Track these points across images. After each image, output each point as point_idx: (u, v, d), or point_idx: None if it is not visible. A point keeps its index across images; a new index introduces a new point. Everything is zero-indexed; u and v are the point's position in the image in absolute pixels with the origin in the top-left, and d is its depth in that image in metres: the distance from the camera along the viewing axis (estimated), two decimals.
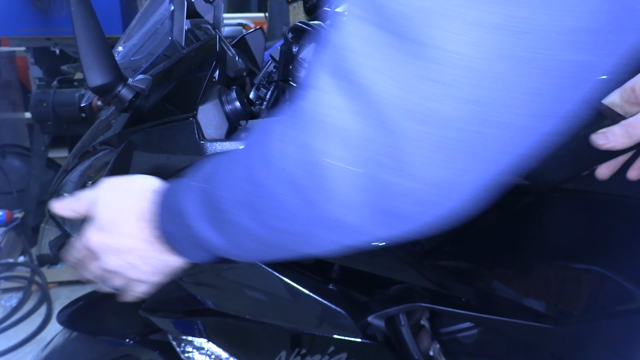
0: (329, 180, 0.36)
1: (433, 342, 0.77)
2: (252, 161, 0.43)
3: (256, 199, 0.42)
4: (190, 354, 0.81)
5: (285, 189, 0.40)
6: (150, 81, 0.69)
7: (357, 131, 0.34)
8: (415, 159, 0.33)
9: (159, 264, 0.57)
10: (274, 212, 0.42)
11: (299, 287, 0.66)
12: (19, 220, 2.52)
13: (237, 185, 0.45)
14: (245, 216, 0.44)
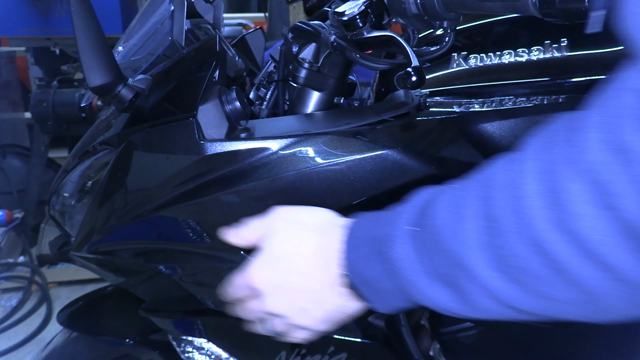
0: None
1: (433, 342, 0.77)
2: (500, 202, 0.36)
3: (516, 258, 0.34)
4: (190, 354, 0.81)
5: (568, 249, 0.32)
6: (150, 81, 0.69)
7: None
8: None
9: (334, 310, 0.50)
10: (542, 277, 0.34)
11: None
12: (19, 220, 2.52)
13: (475, 232, 0.37)
14: (499, 278, 0.36)
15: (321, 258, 0.48)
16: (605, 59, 0.68)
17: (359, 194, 0.60)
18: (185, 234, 0.67)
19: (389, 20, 0.63)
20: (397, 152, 0.59)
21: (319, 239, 0.49)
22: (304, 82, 0.70)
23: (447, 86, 0.78)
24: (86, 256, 0.78)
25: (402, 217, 0.44)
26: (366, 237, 0.46)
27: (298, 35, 0.71)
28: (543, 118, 0.60)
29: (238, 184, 0.62)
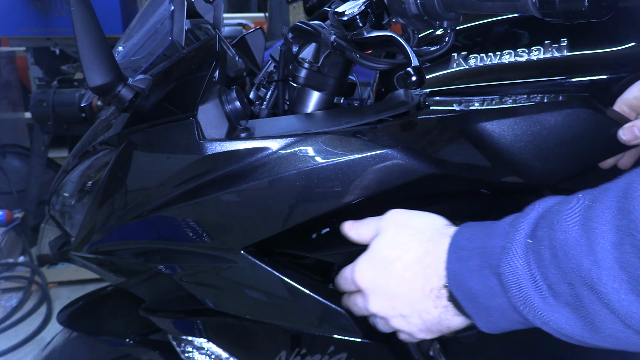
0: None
1: (433, 342, 0.77)
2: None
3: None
4: (190, 354, 0.81)
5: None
6: (150, 81, 0.69)
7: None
8: None
9: (434, 321, 0.48)
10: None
11: (299, 287, 0.66)
12: (19, 220, 2.52)
13: (609, 249, 0.33)
14: (635, 302, 0.33)
15: (423, 266, 0.47)
16: (605, 59, 0.68)
17: (359, 194, 0.60)
18: (185, 233, 0.67)
19: (389, 20, 0.63)
20: (397, 151, 0.59)
21: (424, 247, 0.48)
22: (304, 82, 0.70)
23: (447, 86, 0.78)
24: (86, 256, 0.78)
25: (518, 228, 0.41)
26: (474, 248, 0.44)
27: (298, 35, 0.71)
28: (543, 117, 0.60)
29: (238, 184, 0.62)
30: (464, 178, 0.62)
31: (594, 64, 0.68)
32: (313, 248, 0.67)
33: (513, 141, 0.60)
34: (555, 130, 0.59)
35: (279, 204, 0.62)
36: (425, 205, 0.65)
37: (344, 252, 0.66)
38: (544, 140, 0.59)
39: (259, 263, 0.66)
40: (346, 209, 0.62)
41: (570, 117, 0.59)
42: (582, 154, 0.59)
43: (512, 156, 0.60)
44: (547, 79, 0.69)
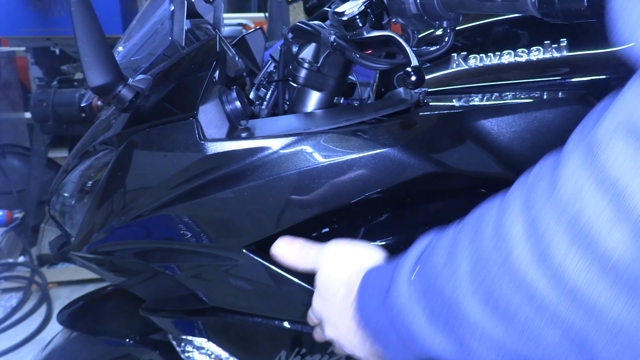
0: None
1: None
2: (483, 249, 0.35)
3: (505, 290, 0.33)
4: (190, 353, 0.81)
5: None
6: (151, 81, 0.69)
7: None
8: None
9: (362, 350, 0.51)
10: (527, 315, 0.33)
11: (301, 283, 0.66)
12: (19, 220, 2.52)
13: (466, 275, 0.36)
14: (491, 319, 0.35)
15: (346, 305, 0.50)
16: (605, 59, 0.68)
17: (360, 192, 0.60)
18: (186, 233, 0.67)
19: (389, 20, 0.63)
20: (397, 150, 0.59)
21: (346, 287, 0.51)
22: (304, 82, 0.70)
23: (447, 86, 0.78)
24: (86, 256, 0.78)
25: (403, 263, 0.44)
26: (374, 287, 0.47)
27: (298, 35, 0.71)
28: (542, 114, 0.60)
29: (239, 183, 0.62)
30: (464, 176, 0.62)
31: (594, 64, 0.68)
32: None
33: (512, 138, 0.60)
34: (553, 127, 0.59)
35: (279, 203, 0.62)
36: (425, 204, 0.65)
37: None
38: (542, 138, 0.59)
39: (260, 261, 0.66)
40: (347, 208, 0.62)
41: (569, 115, 0.59)
42: None
43: (511, 153, 0.60)
44: (547, 79, 0.69)
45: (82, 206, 0.80)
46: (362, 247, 0.55)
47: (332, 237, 0.67)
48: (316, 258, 0.56)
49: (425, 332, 0.40)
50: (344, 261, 0.54)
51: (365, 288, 0.48)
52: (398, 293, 0.42)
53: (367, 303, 0.47)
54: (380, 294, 0.45)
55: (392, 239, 0.64)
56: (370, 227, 0.65)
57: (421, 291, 0.40)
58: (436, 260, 0.40)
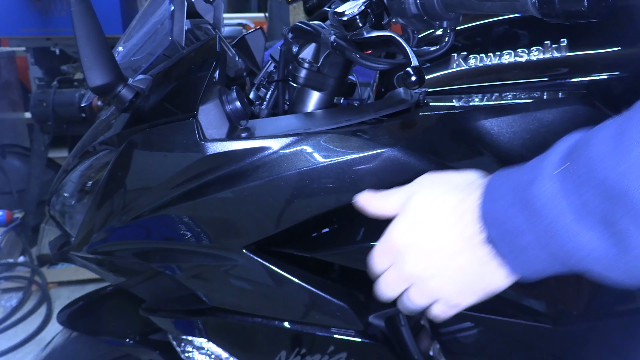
0: None
1: (433, 342, 0.77)
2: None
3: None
4: (190, 353, 0.81)
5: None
6: (151, 81, 0.69)
7: None
8: None
9: (473, 277, 0.46)
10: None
11: (301, 283, 0.67)
12: (19, 220, 2.52)
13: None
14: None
15: (460, 214, 0.45)
16: (605, 59, 0.68)
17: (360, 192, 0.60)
18: (186, 233, 0.67)
19: (389, 20, 0.63)
20: (397, 150, 0.59)
21: (459, 196, 0.46)
22: (304, 82, 0.70)
23: (447, 86, 0.78)
24: (86, 256, 0.78)
25: (545, 162, 0.40)
26: (507, 186, 0.43)
27: (298, 35, 0.71)
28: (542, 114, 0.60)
29: (239, 183, 0.62)
30: None
31: (594, 64, 0.68)
32: (313, 248, 0.67)
33: (512, 138, 0.60)
34: (553, 127, 0.59)
35: (279, 203, 0.62)
36: None
37: (344, 252, 0.66)
38: (542, 138, 0.59)
39: (260, 261, 0.66)
40: (347, 208, 0.62)
41: (569, 114, 0.59)
42: None
43: (511, 153, 0.60)
44: (547, 79, 0.69)
45: (82, 206, 0.80)
46: (458, 171, 0.50)
47: (332, 237, 0.67)
48: (407, 190, 0.51)
49: (573, 229, 0.37)
50: (446, 180, 0.49)
51: (494, 190, 0.43)
52: (542, 189, 0.39)
53: (496, 203, 0.43)
54: (514, 191, 0.41)
55: None
56: (371, 227, 0.65)
57: (572, 186, 0.37)
58: (595, 152, 0.36)
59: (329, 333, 0.72)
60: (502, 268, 0.44)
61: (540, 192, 0.39)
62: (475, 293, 0.47)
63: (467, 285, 0.47)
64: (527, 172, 0.42)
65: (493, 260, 0.44)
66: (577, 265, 0.39)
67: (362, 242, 0.65)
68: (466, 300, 0.49)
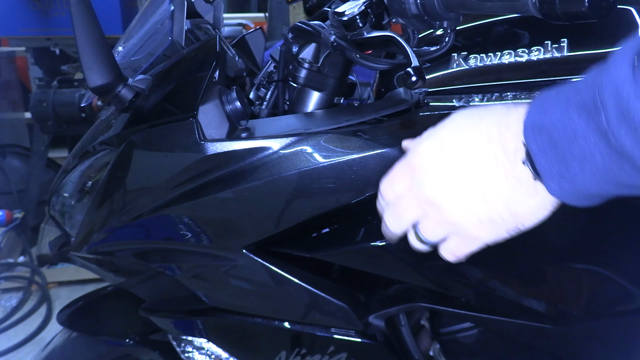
0: None
1: (433, 342, 0.77)
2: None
3: None
4: (190, 354, 0.81)
5: None
6: (150, 81, 0.69)
7: None
8: None
9: (501, 203, 0.40)
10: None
11: (301, 283, 0.67)
12: (19, 220, 2.52)
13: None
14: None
15: (501, 128, 0.40)
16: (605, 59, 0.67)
17: (360, 192, 0.60)
18: (186, 233, 0.67)
19: (389, 20, 0.63)
20: (397, 150, 0.59)
21: (502, 111, 0.41)
22: (304, 82, 0.70)
23: (447, 86, 0.78)
24: (86, 256, 0.78)
25: (615, 63, 0.35)
26: (563, 94, 0.38)
27: (298, 35, 0.71)
28: None
29: (239, 184, 0.62)
30: None
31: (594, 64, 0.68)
32: (313, 248, 0.67)
33: None
34: None
35: (279, 203, 0.62)
36: None
37: (344, 252, 0.66)
38: None
39: (260, 261, 0.66)
40: (347, 208, 0.62)
41: None
42: None
43: None
44: (547, 79, 0.69)
45: (82, 206, 0.80)
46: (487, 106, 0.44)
47: (332, 237, 0.67)
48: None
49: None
50: (485, 109, 0.42)
51: (545, 100, 0.38)
52: (617, 69, 0.34)
53: (548, 113, 0.37)
54: (572, 97, 0.36)
55: None
56: (370, 227, 0.65)
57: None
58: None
59: (329, 333, 0.72)
60: (540, 190, 0.39)
61: (608, 79, 0.34)
62: (501, 225, 0.42)
63: (494, 213, 0.41)
64: (590, 75, 0.37)
65: (530, 180, 0.39)
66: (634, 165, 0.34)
67: (362, 242, 0.65)
68: (487, 234, 0.43)
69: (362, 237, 0.65)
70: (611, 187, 0.37)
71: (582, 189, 0.38)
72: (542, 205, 0.41)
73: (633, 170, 0.35)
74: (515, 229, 0.43)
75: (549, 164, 0.38)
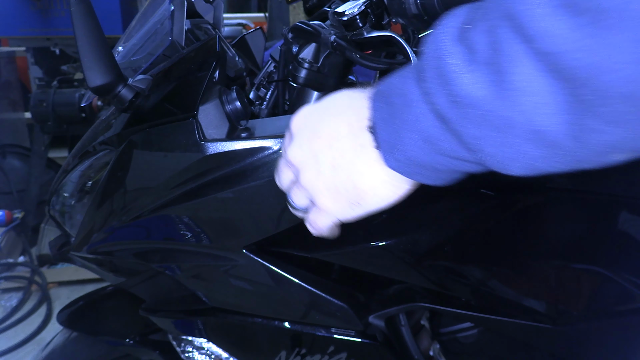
0: None
1: (433, 342, 0.77)
2: None
3: None
4: (190, 354, 0.81)
5: None
6: (150, 81, 0.69)
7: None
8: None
9: (344, 171, 0.42)
10: None
11: (300, 283, 0.67)
12: (19, 220, 2.52)
13: None
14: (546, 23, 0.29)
15: (352, 98, 0.43)
16: None
17: None
18: (186, 233, 0.67)
19: (389, 20, 0.63)
20: None
21: (349, 97, 0.44)
22: (304, 82, 0.70)
23: None
24: (86, 256, 0.78)
25: (447, 21, 0.38)
26: (402, 73, 0.40)
27: (298, 35, 0.71)
28: None
29: (239, 184, 0.62)
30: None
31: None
32: (313, 248, 0.67)
33: None
34: None
35: (279, 203, 0.62)
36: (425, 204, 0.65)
37: (344, 252, 0.66)
38: None
39: (260, 261, 0.66)
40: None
41: None
42: None
43: None
44: None
45: (82, 206, 0.80)
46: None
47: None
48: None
49: (462, 68, 0.34)
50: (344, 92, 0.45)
51: (388, 78, 0.41)
52: (439, 37, 0.36)
53: (389, 84, 0.40)
54: (413, 66, 0.38)
55: (392, 240, 0.63)
56: (370, 227, 0.65)
57: (473, 18, 0.35)
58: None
59: (329, 333, 0.72)
60: (379, 160, 0.40)
61: (430, 43, 0.37)
62: (344, 197, 0.43)
63: (339, 182, 0.43)
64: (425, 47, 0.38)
65: (371, 148, 0.41)
66: (455, 116, 0.35)
67: (362, 242, 0.64)
68: (334, 206, 0.44)
69: (362, 237, 0.65)
70: (439, 158, 0.38)
71: (414, 159, 0.39)
72: (383, 181, 0.42)
73: (453, 140, 0.36)
74: (357, 204, 0.44)
75: (387, 132, 0.39)
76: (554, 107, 0.31)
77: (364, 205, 0.44)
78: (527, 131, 0.33)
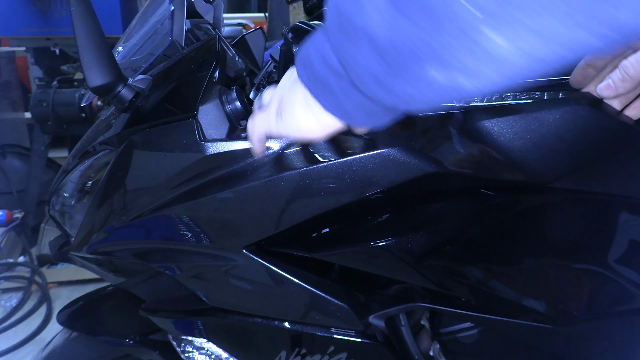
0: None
1: (433, 342, 0.77)
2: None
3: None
4: (190, 354, 0.81)
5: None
6: (150, 81, 0.69)
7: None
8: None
9: (287, 88, 0.53)
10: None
11: (300, 283, 0.67)
12: (19, 220, 2.52)
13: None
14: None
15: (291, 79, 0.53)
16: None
17: (360, 192, 0.60)
18: (186, 233, 0.67)
19: None
20: (397, 150, 0.59)
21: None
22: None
23: None
24: (86, 256, 0.78)
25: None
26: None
27: (298, 35, 0.71)
28: (542, 114, 0.60)
29: (239, 184, 0.62)
30: (464, 176, 0.62)
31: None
32: (313, 248, 0.67)
33: (512, 138, 0.60)
34: (554, 127, 0.59)
35: (279, 203, 0.62)
36: (425, 204, 0.65)
37: (344, 252, 0.66)
38: (543, 138, 0.59)
39: (260, 261, 0.66)
40: (347, 208, 0.62)
41: (569, 115, 0.59)
42: (581, 150, 0.59)
43: (512, 153, 0.60)
44: (548, 79, 0.69)
45: (82, 206, 0.80)
46: None
47: (332, 237, 0.67)
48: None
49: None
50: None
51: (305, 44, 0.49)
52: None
53: (304, 52, 0.48)
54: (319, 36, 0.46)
55: (392, 239, 0.64)
56: (370, 227, 0.65)
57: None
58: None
59: (329, 333, 0.72)
60: (303, 89, 0.49)
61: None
62: (276, 108, 0.53)
63: (279, 96, 0.53)
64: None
65: (298, 83, 0.49)
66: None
67: (362, 242, 0.65)
68: (274, 117, 0.54)
69: (362, 237, 0.65)
70: (328, 71, 0.45)
71: (315, 73, 0.46)
72: (302, 103, 0.50)
73: (332, 52, 0.44)
74: (282, 118, 0.53)
75: (304, 69, 0.48)
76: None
77: (285, 121, 0.53)
78: (364, 35, 0.39)
